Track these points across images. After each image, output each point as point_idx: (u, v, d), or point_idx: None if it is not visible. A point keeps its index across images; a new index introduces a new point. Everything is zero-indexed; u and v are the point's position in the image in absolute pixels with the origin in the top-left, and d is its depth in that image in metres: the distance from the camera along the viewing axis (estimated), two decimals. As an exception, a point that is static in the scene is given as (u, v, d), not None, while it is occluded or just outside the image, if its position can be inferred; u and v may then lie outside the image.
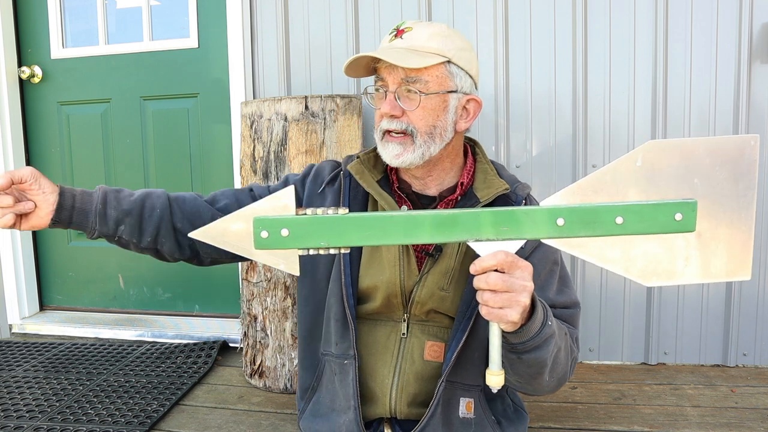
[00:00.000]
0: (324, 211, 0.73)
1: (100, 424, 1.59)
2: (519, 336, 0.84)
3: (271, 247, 0.74)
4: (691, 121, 1.91)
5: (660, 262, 0.73)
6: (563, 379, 1.01)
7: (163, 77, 2.40)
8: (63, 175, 2.55)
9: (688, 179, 0.72)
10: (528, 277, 0.78)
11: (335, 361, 1.10)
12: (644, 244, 0.73)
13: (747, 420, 1.58)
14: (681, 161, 0.72)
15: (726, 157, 0.72)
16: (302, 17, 2.13)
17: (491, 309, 0.77)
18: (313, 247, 0.74)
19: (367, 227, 0.73)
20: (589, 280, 2.02)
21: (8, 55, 2.43)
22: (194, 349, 2.17)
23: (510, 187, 1.07)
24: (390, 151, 1.02)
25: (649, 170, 0.72)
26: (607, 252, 0.74)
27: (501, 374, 0.80)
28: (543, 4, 1.96)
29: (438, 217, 0.74)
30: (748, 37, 1.85)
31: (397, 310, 1.08)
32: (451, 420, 1.05)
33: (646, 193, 0.72)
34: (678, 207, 0.71)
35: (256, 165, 1.80)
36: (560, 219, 0.72)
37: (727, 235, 0.73)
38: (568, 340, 0.99)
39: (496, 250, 0.75)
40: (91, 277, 2.59)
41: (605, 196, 0.73)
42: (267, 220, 0.73)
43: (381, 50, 1.02)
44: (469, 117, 1.07)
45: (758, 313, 1.95)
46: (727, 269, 0.74)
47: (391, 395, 1.06)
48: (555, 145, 1.99)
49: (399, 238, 0.74)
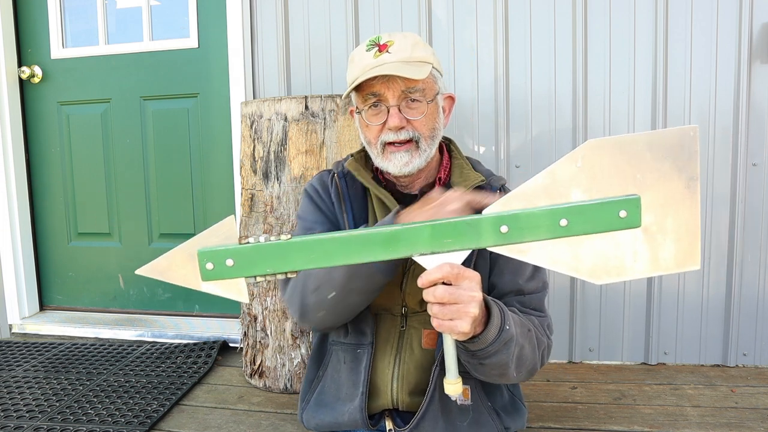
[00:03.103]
0: (266, 238, 0.73)
1: (100, 424, 1.59)
2: (477, 344, 0.86)
3: (217, 278, 0.74)
4: (691, 121, 1.91)
5: (609, 259, 0.73)
6: (533, 370, 1.03)
7: (163, 77, 2.40)
8: (63, 175, 2.56)
9: (631, 175, 0.72)
10: (476, 287, 0.78)
11: (347, 349, 1.11)
12: (591, 242, 0.72)
13: (747, 420, 1.58)
14: (622, 158, 0.71)
15: (666, 149, 0.71)
16: (302, 17, 2.13)
17: (441, 321, 0.78)
18: (259, 274, 0.73)
19: (309, 251, 0.73)
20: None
21: (8, 55, 2.43)
22: (194, 349, 2.17)
23: (486, 179, 1.10)
24: (398, 161, 1.04)
25: (590, 169, 0.72)
26: (555, 254, 0.73)
27: (458, 382, 0.81)
28: (543, 4, 1.96)
29: (380, 235, 0.73)
30: (748, 37, 1.85)
31: (396, 304, 1.10)
32: (449, 407, 1.07)
33: (589, 192, 0.72)
34: (621, 204, 0.71)
35: (256, 165, 1.80)
36: (504, 226, 0.72)
37: (673, 226, 0.73)
38: (534, 335, 1.00)
39: (441, 262, 0.75)
40: (91, 277, 2.60)
41: (547, 200, 0.72)
42: (211, 252, 0.73)
43: (381, 67, 1.02)
44: (447, 113, 1.13)
45: (758, 313, 1.95)
46: (677, 260, 0.73)
47: (392, 386, 1.08)
48: (555, 145, 1.99)
49: (343, 258, 0.74)
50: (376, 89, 1.03)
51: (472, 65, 2.02)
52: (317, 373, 1.19)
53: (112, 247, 2.55)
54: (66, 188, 2.57)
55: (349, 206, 1.12)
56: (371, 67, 1.02)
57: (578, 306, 2.04)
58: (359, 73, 1.03)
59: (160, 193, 2.47)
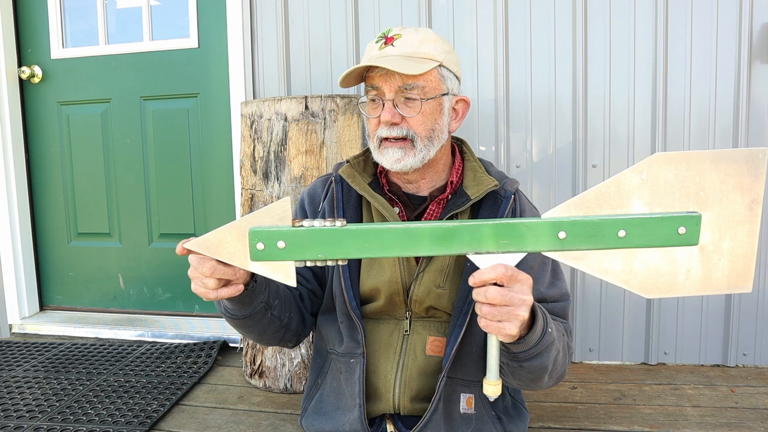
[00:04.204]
0: (321, 224, 0.72)
1: (100, 424, 1.59)
2: (520, 346, 0.85)
3: (267, 259, 0.73)
4: (691, 121, 1.91)
5: (661, 275, 0.72)
6: (562, 376, 1.02)
7: (163, 77, 2.40)
8: (63, 175, 2.56)
9: (694, 192, 0.71)
10: (527, 290, 0.77)
11: (341, 360, 1.11)
12: (645, 256, 0.72)
13: (747, 420, 1.58)
14: (687, 173, 0.70)
15: (733, 170, 0.70)
16: (302, 17, 2.13)
17: (489, 322, 0.77)
18: (309, 259, 0.73)
19: (364, 240, 0.72)
20: (589, 280, 2.02)
21: (8, 55, 2.43)
22: (194, 349, 2.17)
23: (499, 183, 1.08)
24: (390, 156, 1.02)
25: (654, 183, 0.71)
26: (608, 264, 0.73)
27: (498, 384, 0.80)
28: (543, 4, 1.96)
29: (437, 230, 0.72)
30: (748, 37, 1.85)
31: (400, 308, 1.09)
32: (452, 415, 1.06)
33: (650, 205, 0.71)
34: (682, 221, 0.70)
35: (256, 165, 1.80)
36: (562, 232, 0.71)
37: (730, 248, 0.72)
38: (565, 340, 1.00)
39: (495, 263, 0.74)
40: (91, 277, 2.60)
41: (608, 209, 0.71)
42: (263, 232, 0.72)
43: (377, 58, 1.01)
44: (458, 117, 1.09)
45: (758, 313, 1.95)
46: (729, 282, 0.72)
47: (394, 391, 1.07)
48: (555, 145, 1.99)
49: (397, 250, 0.73)
50: (375, 82, 1.01)
51: (472, 65, 2.02)
52: (316, 381, 1.18)
53: (112, 247, 2.55)
54: (66, 188, 2.57)
55: (341, 213, 1.10)
56: (374, 58, 1.01)
57: (578, 306, 2.04)
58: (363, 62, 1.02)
59: (160, 193, 2.47)
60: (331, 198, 1.12)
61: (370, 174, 1.14)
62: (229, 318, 0.97)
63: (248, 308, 0.94)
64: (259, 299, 0.95)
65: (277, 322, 1.02)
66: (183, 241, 0.78)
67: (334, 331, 1.14)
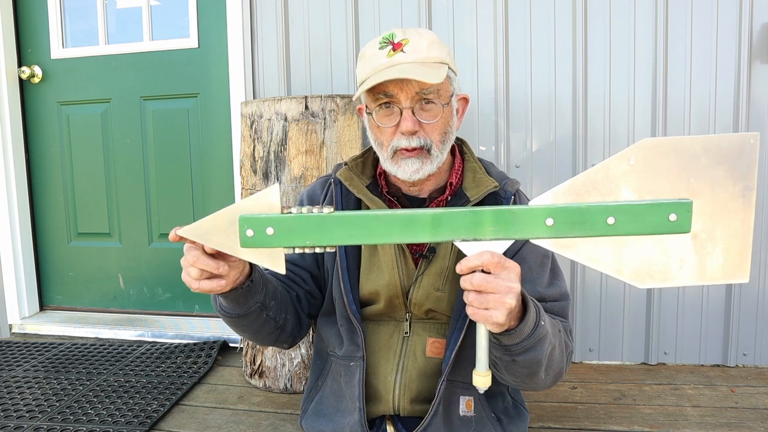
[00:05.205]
0: (309, 210, 0.73)
1: (100, 424, 1.59)
2: (511, 338, 0.84)
3: (256, 246, 0.73)
4: (691, 120, 1.91)
5: (654, 264, 0.71)
6: (560, 375, 1.01)
7: (163, 77, 2.40)
8: (63, 175, 2.56)
9: (684, 178, 0.69)
10: (514, 278, 0.76)
11: (341, 363, 1.11)
12: (637, 244, 0.70)
13: (747, 420, 1.58)
14: (676, 160, 0.69)
15: (724, 155, 0.68)
16: (302, 17, 2.13)
17: (476, 309, 0.76)
18: (298, 246, 0.73)
19: (351, 226, 0.72)
20: (589, 280, 2.02)
21: (8, 55, 2.43)
22: (194, 349, 2.17)
23: (499, 184, 1.07)
24: (409, 168, 1.00)
25: (642, 169, 0.69)
26: (599, 253, 0.71)
27: (488, 375, 0.79)
28: (543, 4, 1.96)
29: (423, 216, 0.72)
30: (748, 37, 1.85)
31: (400, 310, 1.09)
32: (452, 418, 1.06)
33: (640, 192, 0.70)
34: (672, 207, 0.69)
35: (256, 165, 1.80)
36: (550, 219, 0.70)
37: (724, 236, 0.70)
38: (563, 336, 0.99)
39: (482, 250, 0.74)
40: (91, 277, 2.60)
41: (597, 195, 0.70)
42: (253, 219, 0.72)
43: (395, 68, 0.97)
44: (460, 115, 1.09)
45: (758, 313, 1.95)
46: (724, 271, 0.71)
47: (394, 393, 1.07)
48: (555, 145, 1.99)
49: (383, 237, 0.73)
50: (389, 89, 0.98)
51: (472, 65, 2.02)
52: (316, 383, 1.18)
53: (112, 247, 2.55)
54: (66, 188, 2.57)
55: None
56: (385, 66, 0.97)
57: (578, 306, 2.04)
58: (371, 72, 0.98)
59: (160, 193, 2.47)
60: (330, 200, 1.12)
61: (369, 176, 1.13)
62: (224, 316, 0.98)
63: (243, 307, 0.94)
64: (255, 299, 0.94)
65: (273, 323, 1.02)
66: (176, 228, 0.78)
67: (334, 333, 1.14)
